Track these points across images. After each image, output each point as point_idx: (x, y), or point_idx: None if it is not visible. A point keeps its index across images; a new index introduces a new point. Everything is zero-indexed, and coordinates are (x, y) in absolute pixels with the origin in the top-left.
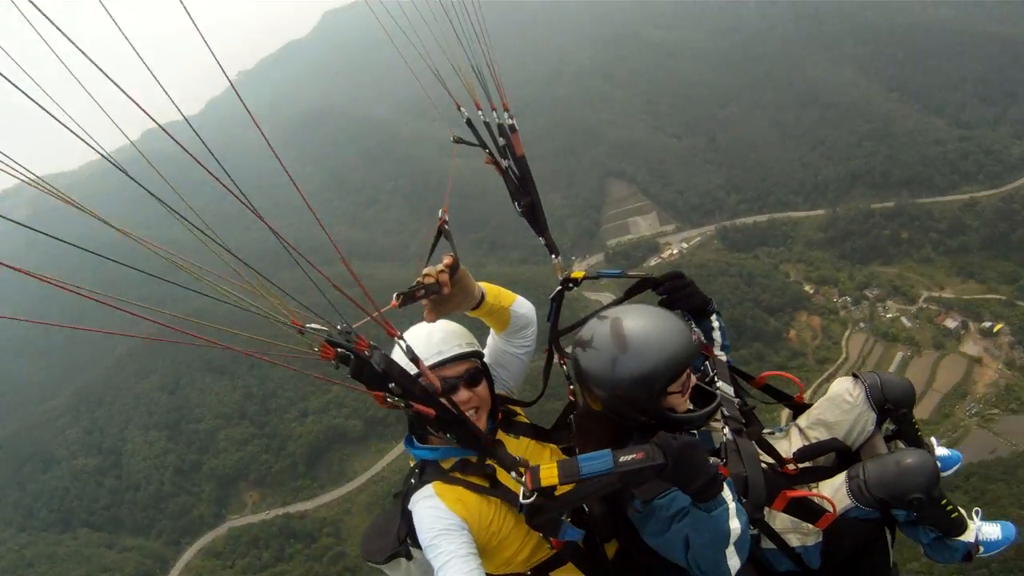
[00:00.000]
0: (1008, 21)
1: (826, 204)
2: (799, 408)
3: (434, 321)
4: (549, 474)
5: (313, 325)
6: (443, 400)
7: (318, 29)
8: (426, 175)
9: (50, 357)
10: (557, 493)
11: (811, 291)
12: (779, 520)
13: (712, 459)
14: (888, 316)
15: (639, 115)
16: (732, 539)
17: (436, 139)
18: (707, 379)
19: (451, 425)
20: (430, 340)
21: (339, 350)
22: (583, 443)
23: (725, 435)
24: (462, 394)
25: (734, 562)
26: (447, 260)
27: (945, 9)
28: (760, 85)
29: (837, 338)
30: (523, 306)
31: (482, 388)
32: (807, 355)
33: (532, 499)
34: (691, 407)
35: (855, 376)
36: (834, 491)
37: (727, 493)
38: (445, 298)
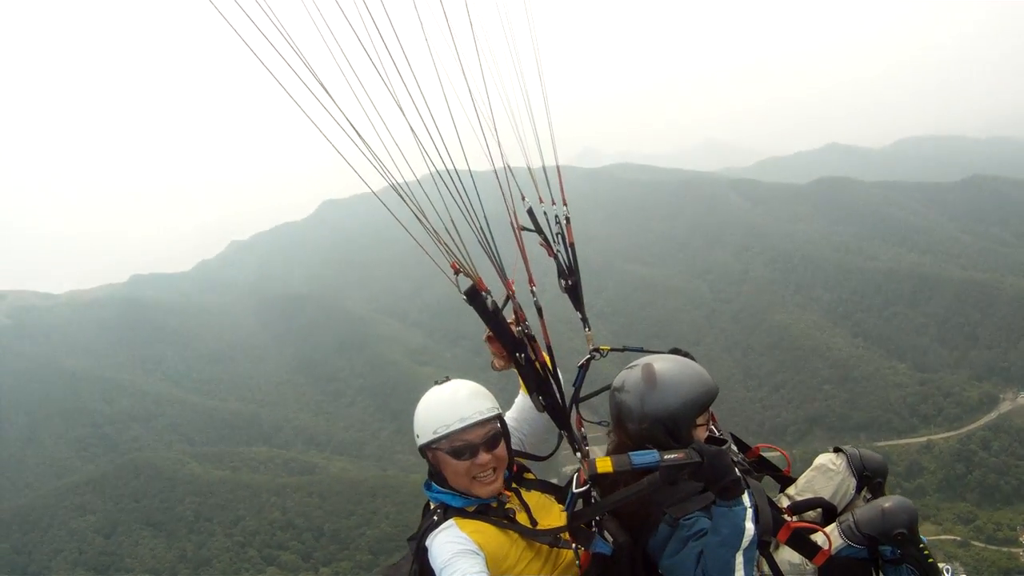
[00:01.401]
0: (971, 266)
1: (784, 446)
2: (786, 481)
3: (501, 369)
4: (604, 464)
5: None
6: (522, 345)
7: (315, 215)
8: (394, 379)
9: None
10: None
11: None
12: (779, 563)
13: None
14: None
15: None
16: (745, 540)
17: (410, 344)
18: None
19: (524, 366)
20: (454, 404)
21: (464, 276)
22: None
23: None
24: (482, 457)
25: (740, 574)
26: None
27: (913, 255)
28: (728, 326)
29: None
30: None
31: (500, 449)
32: None
33: (585, 487)
34: None
35: (837, 449)
36: (831, 531)
37: (747, 498)
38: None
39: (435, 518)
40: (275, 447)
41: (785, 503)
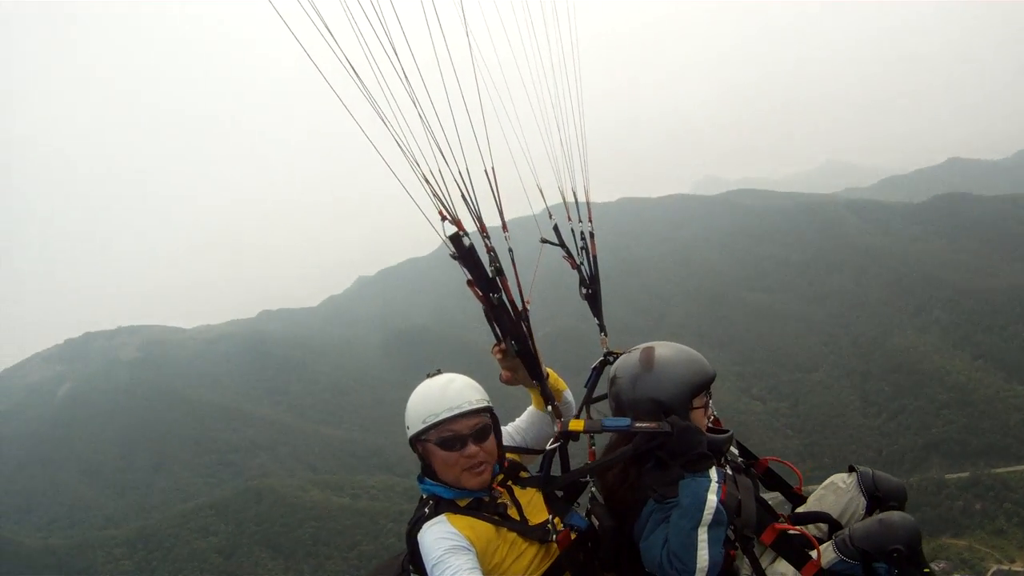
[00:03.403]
0: None
1: (902, 474)
2: (797, 500)
3: (509, 382)
4: (576, 424)
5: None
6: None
7: (439, 251)
8: (517, 409)
9: (125, 490)
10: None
11: None
12: None
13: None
14: None
15: (727, 376)
16: (707, 513)
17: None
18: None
19: (500, 308)
20: (444, 394)
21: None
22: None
23: (727, 470)
24: (470, 448)
25: (704, 553)
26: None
27: None
28: (847, 351)
29: None
30: (570, 396)
31: (489, 443)
32: None
33: (558, 443)
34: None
35: (851, 468)
36: (822, 550)
37: (714, 473)
38: (518, 366)
39: (426, 510)
40: (397, 476)
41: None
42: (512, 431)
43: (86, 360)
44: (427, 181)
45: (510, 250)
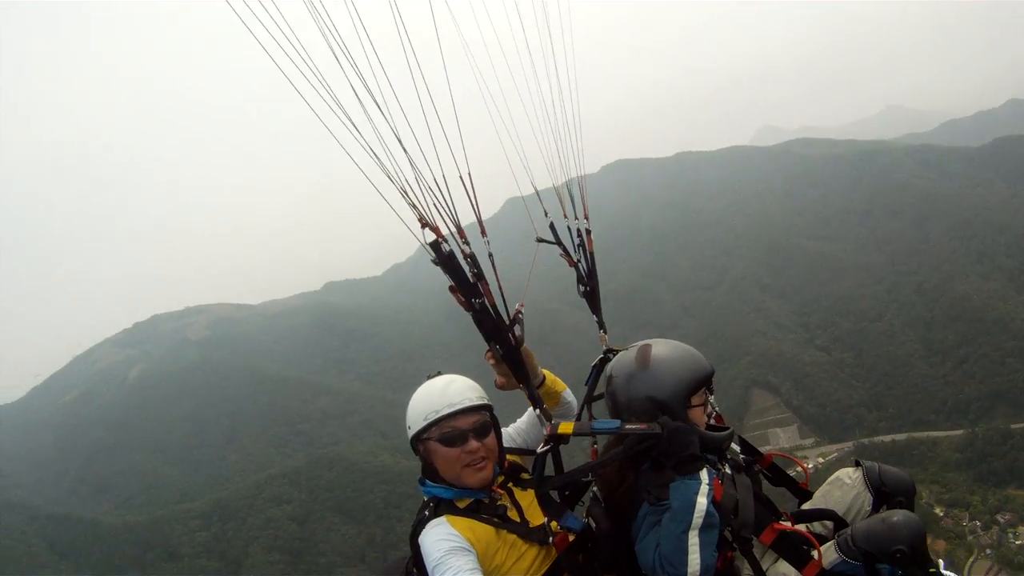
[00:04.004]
0: None
1: (966, 424)
2: (803, 495)
3: (504, 387)
4: (566, 427)
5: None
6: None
7: (501, 213)
8: (581, 369)
9: (199, 465)
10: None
11: (941, 513)
12: None
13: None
14: (1018, 543)
15: (790, 327)
16: (697, 516)
17: (594, 333)
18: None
19: (493, 319)
20: (444, 392)
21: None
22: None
23: (725, 470)
24: (471, 444)
25: (695, 557)
26: (514, 335)
27: None
28: (910, 300)
29: (960, 564)
30: (571, 395)
31: (490, 439)
32: None
33: (547, 447)
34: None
35: (857, 463)
36: (824, 551)
37: (704, 474)
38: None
39: (426, 512)
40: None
41: None
42: (513, 432)
43: (155, 342)
44: (404, 192)
45: (490, 255)
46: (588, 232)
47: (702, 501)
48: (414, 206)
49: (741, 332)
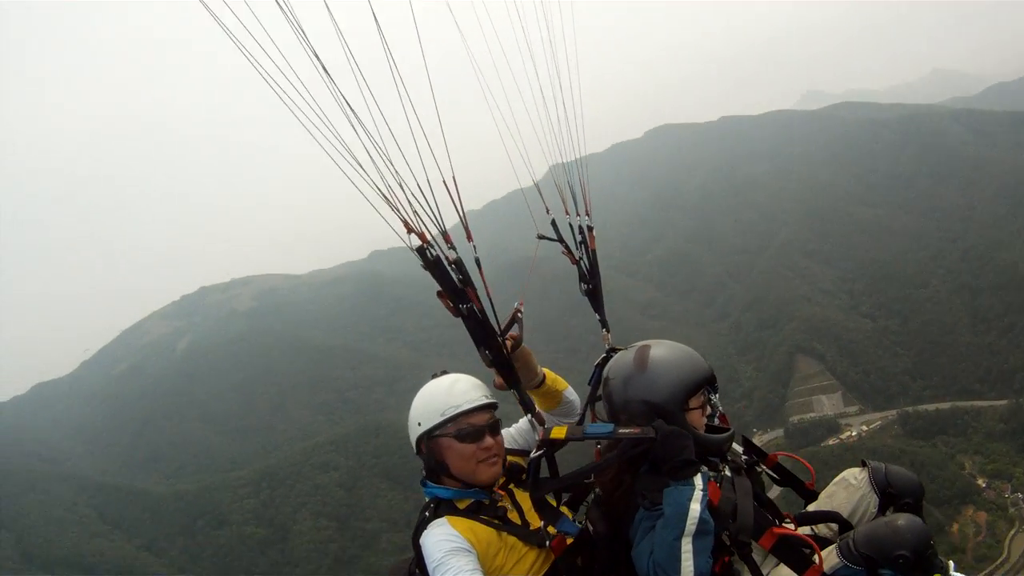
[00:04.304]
0: None
1: (1011, 394)
2: (809, 496)
3: (503, 387)
4: (559, 431)
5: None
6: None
7: (545, 178)
8: (626, 334)
9: (247, 434)
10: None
11: (983, 485)
12: None
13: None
14: None
15: (835, 293)
16: (690, 523)
17: (640, 299)
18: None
19: (481, 323)
20: (454, 389)
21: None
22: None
23: (725, 472)
24: (487, 440)
25: (688, 564)
26: (512, 335)
27: None
28: (956, 267)
29: (1001, 536)
30: (573, 394)
31: (500, 438)
32: (967, 552)
33: (540, 452)
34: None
35: (864, 462)
36: (825, 556)
37: (698, 480)
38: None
39: (427, 514)
40: (512, 404)
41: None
42: (515, 433)
43: (203, 313)
44: (387, 199)
45: (477, 260)
46: (590, 229)
47: (695, 507)
48: (397, 209)
49: (786, 297)
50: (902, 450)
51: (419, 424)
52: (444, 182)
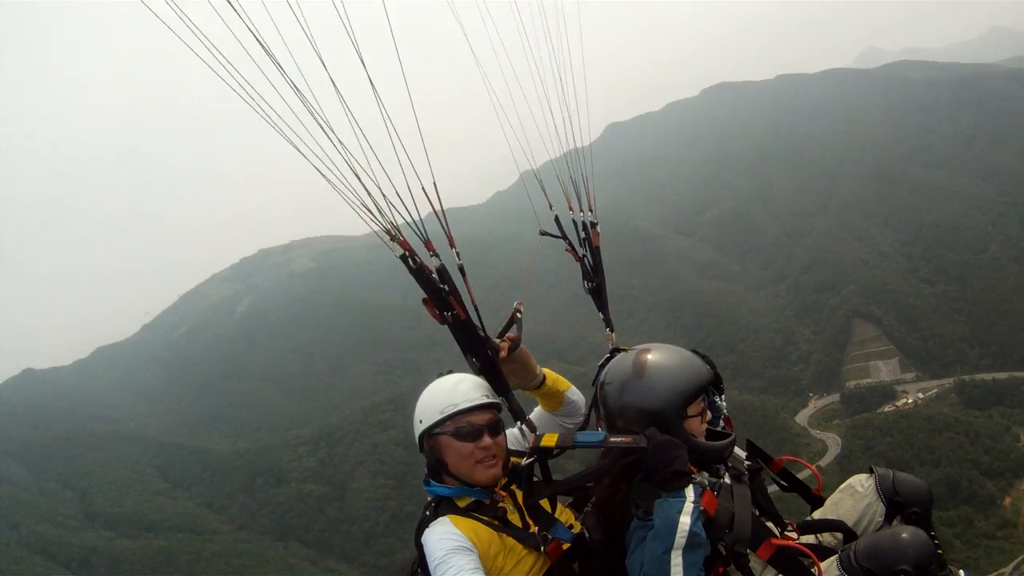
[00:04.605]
0: None
1: None
2: (815, 502)
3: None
4: (549, 439)
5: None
6: (463, 312)
7: (601, 139)
8: (684, 295)
9: (306, 394)
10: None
11: None
12: None
13: (700, 478)
14: None
15: (893, 256)
16: (679, 536)
17: (698, 260)
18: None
19: (467, 331)
20: (457, 388)
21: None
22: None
23: (724, 480)
24: (485, 440)
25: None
26: (511, 336)
27: None
28: (1016, 232)
29: None
30: (576, 394)
31: (501, 439)
32: (1018, 526)
33: (531, 459)
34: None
35: (871, 469)
36: (826, 567)
37: (690, 492)
38: (511, 372)
39: (427, 513)
40: (568, 363)
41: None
42: (518, 434)
43: (262, 275)
44: (368, 210)
45: (460, 267)
46: (593, 225)
47: (684, 520)
48: (375, 212)
49: (844, 260)
50: (957, 419)
51: (420, 421)
52: (424, 189)
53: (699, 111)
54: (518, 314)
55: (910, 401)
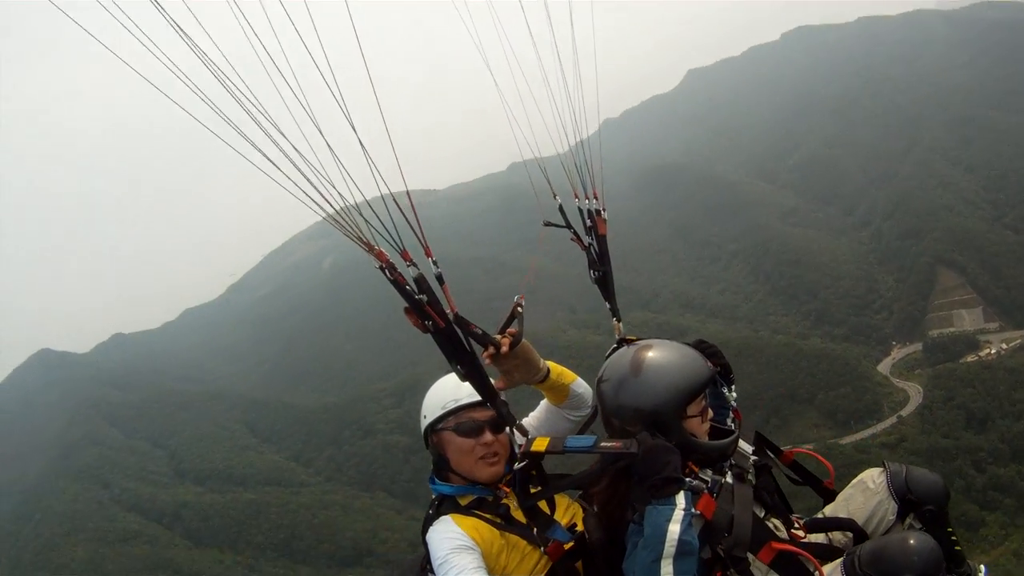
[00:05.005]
0: None
1: None
2: (828, 495)
3: (504, 388)
4: (540, 443)
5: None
6: (452, 323)
7: (682, 85)
8: (768, 241)
9: (391, 347)
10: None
11: None
12: None
13: (696, 481)
14: None
15: (978, 203)
16: (669, 545)
17: (781, 206)
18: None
19: (449, 338)
20: (461, 384)
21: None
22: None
23: (727, 479)
24: (487, 436)
25: None
26: (512, 331)
27: None
28: None
29: None
30: (582, 386)
31: (504, 436)
32: None
33: (523, 463)
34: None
35: (884, 464)
36: (830, 571)
37: (681, 499)
38: (513, 368)
39: (430, 511)
40: (652, 312)
41: None
42: (532, 422)
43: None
44: (339, 218)
45: (438, 276)
46: (599, 213)
47: (674, 528)
48: (352, 227)
49: (928, 207)
50: None
51: (424, 417)
52: (397, 200)
53: (780, 56)
54: (519, 309)
55: (993, 352)
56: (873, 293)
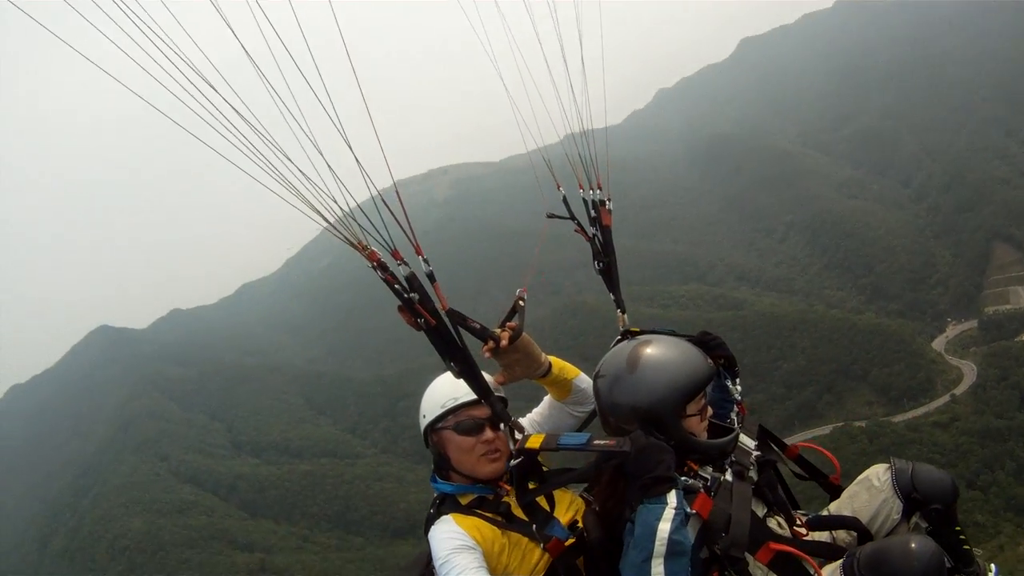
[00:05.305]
0: None
1: None
2: (834, 491)
3: (504, 383)
4: (534, 441)
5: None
6: (445, 319)
7: (736, 54)
8: (823, 213)
9: None
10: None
11: None
12: None
13: (691, 481)
14: None
15: None
16: (659, 544)
17: (836, 178)
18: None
19: (441, 336)
20: (459, 382)
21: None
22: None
23: (726, 477)
24: (487, 434)
25: None
26: (511, 324)
27: None
28: None
29: None
30: (584, 381)
31: (505, 434)
32: None
33: (519, 460)
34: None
35: (890, 460)
36: (827, 573)
37: (672, 498)
38: (514, 362)
39: (431, 511)
40: (707, 284)
41: None
42: (528, 424)
43: (404, 204)
44: (329, 218)
45: (429, 274)
46: (603, 203)
47: (664, 528)
48: (343, 228)
49: (984, 179)
50: None
51: (424, 416)
52: (384, 199)
53: (834, 24)
54: (520, 302)
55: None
56: (929, 268)
